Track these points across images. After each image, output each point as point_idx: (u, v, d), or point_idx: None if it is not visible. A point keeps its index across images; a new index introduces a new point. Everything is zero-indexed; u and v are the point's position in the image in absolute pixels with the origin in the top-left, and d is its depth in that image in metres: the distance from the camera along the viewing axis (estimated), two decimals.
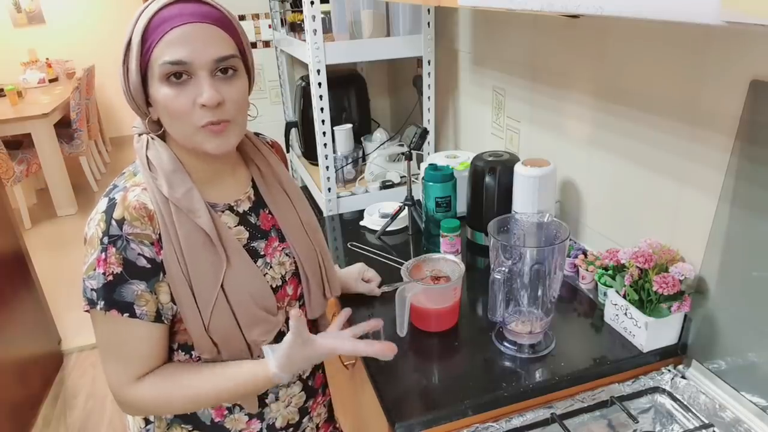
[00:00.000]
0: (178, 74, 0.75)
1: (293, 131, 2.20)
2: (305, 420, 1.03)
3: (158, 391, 0.83)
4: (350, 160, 1.94)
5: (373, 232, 1.62)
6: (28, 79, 5.05)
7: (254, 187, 0.93)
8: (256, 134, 0.99)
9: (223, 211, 0.88)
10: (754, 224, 0.87)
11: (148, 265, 0.79)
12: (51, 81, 5.26)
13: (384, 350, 0.88)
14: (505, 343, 1.07)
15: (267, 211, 0.93)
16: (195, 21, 0.75)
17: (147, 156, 0.82)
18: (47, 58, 5.48)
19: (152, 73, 0.76)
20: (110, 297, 0.77)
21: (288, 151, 2.21)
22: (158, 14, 0.75)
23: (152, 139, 0.84)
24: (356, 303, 1.24)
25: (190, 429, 0.92)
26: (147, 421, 0.93)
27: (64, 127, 4.38)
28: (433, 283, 1.16)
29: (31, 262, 2.53)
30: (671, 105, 1.01)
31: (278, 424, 0.97)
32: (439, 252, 1.39)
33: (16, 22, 5.70)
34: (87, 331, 2.80)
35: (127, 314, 0.78)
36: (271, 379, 0.84)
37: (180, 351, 0.88)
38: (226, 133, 0.80)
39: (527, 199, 1.27)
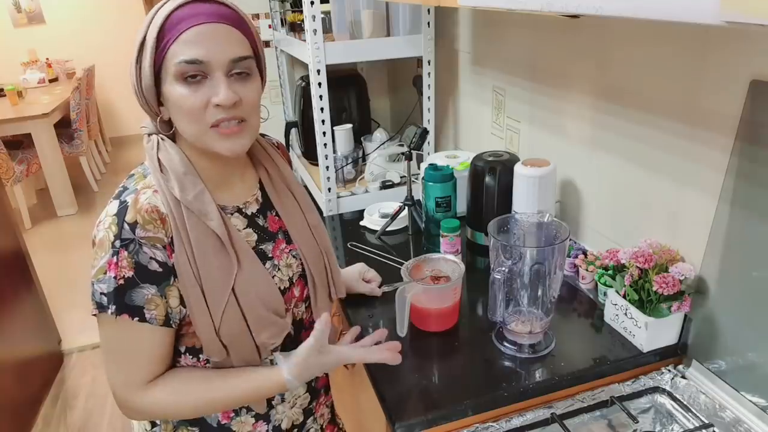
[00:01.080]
0: (194, 74, 0.75)
1: (293, 131, 2.20)
2: (309, 421, 1.03)
3: (168, 398, 0.83)
4: (350, 160, 1.94)
5: (373, 232, 1.62)
6: (28, 79, 5.05)
7: (261, 188, 0.93)
8: (262, 135, 0.99)
9: (232, 213, 0.87)
10: (754, 224, 0.87)
11: (160, 269, 0.78)
12: (51, 81, 5.26)
13: (394, 356, 0.92)
14: (505, 343, 1.07)
15: (274, 213, 0.93)
16: (212, 21, 0.75)
17: (158, 158, 0.82)
18: (47, 58, 5.47)
19: (167, 71, 0.76)
20: (121, 301, 0.77)
21: (288, 151, 2.21)
22: (174, 13, 0.75)
23: (162, 140, 0.83)
24: (357, 303, 1.24)
25: (197, 431, 0.92)
26: (153, 424, 0.93)
27: (64, 127, 4.38)
28: (433, 283, 1.16)
29: (31, 262, 2.53)
30: (671, 105, 1.01)
31: (284, 426, 0.97)
32: (439, 252, 1.39)
33: (16, 22, 5.70)
34: (87, 331, 2.81)
35: (137, 318, 0.78)
36: (284, 386, 0.86)
37: (187, 354, 0.87)
38: (240, 135, 0.80)
39: (527, 199, 1.27)
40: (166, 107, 0.80)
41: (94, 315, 0.79)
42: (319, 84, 1.67)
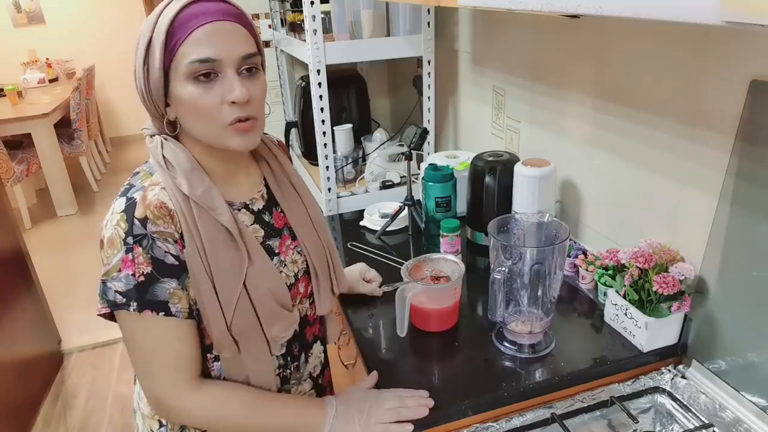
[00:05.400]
0: (206, 73, 0.75)
1: (293, 131, 2.20)
2: None
3: (214, 405, 0.83)
4: (350, 160, 1.94)
5: (373, 232, 1.61)
6: (28, 79, 5.06)
7: (266, 185, 0.94)
8: (264, 133, 1.00)
9: (239, 210, 0.88)
10: (754, 224, 0.87)
11: (176, 262, 0.78)
12: (51, 81, 5.26)
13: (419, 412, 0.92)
14: (505, 343, 1.07)
15: (279, 210, 0.94)
16: (220, 19, 0.76)
17: (163, 155, 0.82)
18: (47, 58, 5.48)
19: (176, 72, 0.76)
20: (143, 297, 0.76)
21: (288, 150, 2.21)
22: (182, 12, 0.75)
23: (165, 139, 0.83)
24: (357, 303, 1.24)
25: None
26: (160, 424, 0.93)
27: (64, 127, 4.38)
28: (433, 283, 1.16)
29: (31, 262, 2.53)
30: (671, 105, 1.01)
31: None
32: (439, 252, 1.39)
33: (16, 22, 5.70)
34: (87, 331, 2.81)
35: (163, 313, 0.78)
36: (319, 429, 0.87)
37: None
38: (253, 131, 0.81)
39: (527, 199, 1.27)
40: (172, 108, 0.80)
41: (101, 315, 0.79)
42: (319, 84, 1.67)
